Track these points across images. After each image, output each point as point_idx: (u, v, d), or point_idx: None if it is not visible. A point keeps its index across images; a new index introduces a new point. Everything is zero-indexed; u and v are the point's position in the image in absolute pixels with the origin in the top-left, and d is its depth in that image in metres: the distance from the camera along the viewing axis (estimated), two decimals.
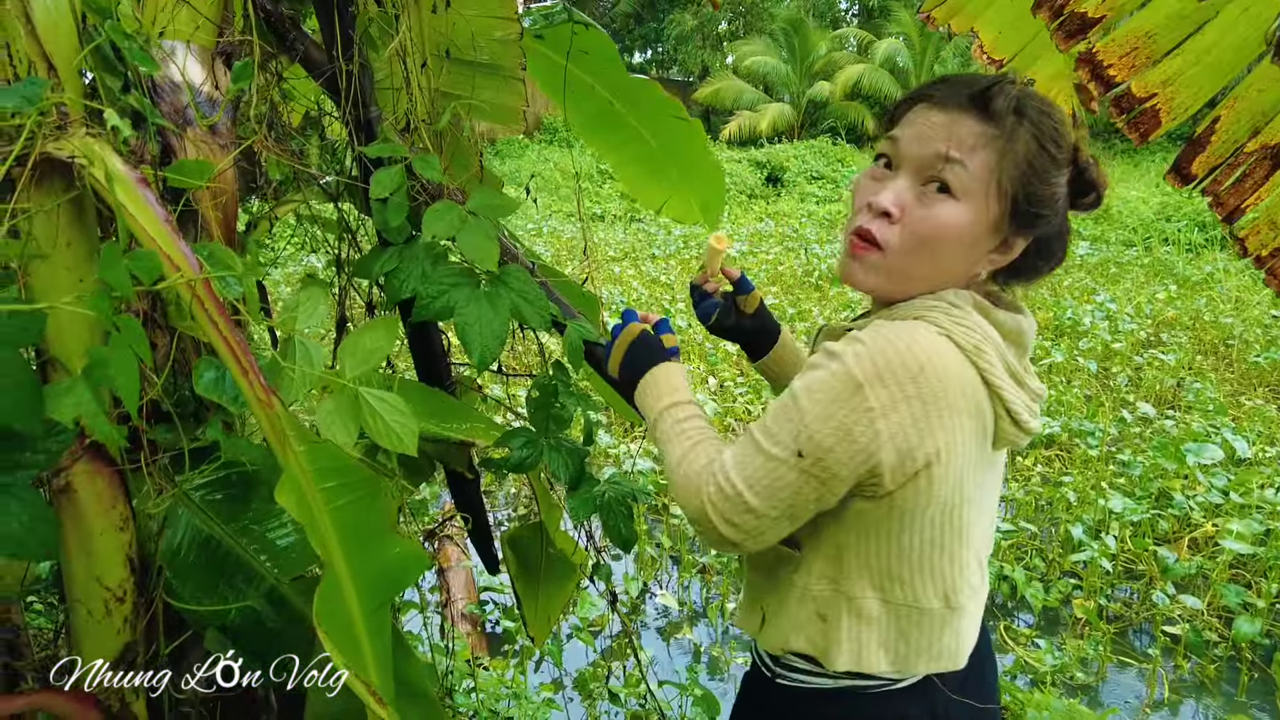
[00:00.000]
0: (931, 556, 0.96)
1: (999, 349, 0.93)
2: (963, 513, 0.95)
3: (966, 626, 1.02)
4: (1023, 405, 0.93)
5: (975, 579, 1.01)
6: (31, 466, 0.92)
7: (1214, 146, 1.08)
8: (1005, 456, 1.03)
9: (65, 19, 0.91)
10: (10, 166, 0.89)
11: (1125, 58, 1.06)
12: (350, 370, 1.03)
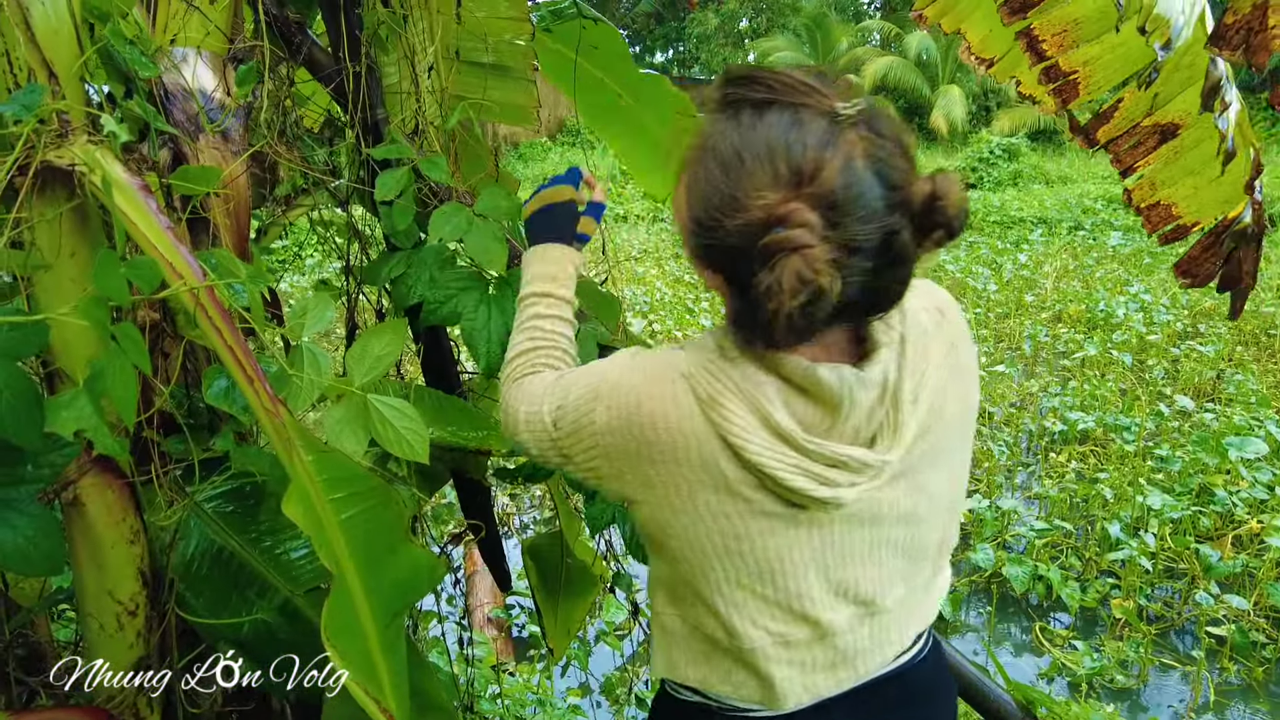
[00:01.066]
0: (696, 588, 0.94)
1: (758, 403, 0.84)
2: (724, 561, 0.90)
3: (786, 674, 0.95)
4: (785, 467, 0.84)
5: (780, 625, 0.93)
6: (35, 481, 0.91)
7: (1115, 121, 1.36)
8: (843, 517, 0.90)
9: (65, 25, 0.90)
10: (12, 175, 0.87)
11: (1057, 36, 1.26)
12: (359, 377, 1.00)
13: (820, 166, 0.77)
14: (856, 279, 0.79)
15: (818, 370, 0.83)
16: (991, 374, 5.74)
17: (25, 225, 0.90)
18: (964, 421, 0.96)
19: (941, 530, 0.99)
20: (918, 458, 0.91)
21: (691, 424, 0.86)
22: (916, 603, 1.01)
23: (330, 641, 0.90)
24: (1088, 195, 12.91)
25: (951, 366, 0.93)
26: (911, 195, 0.79)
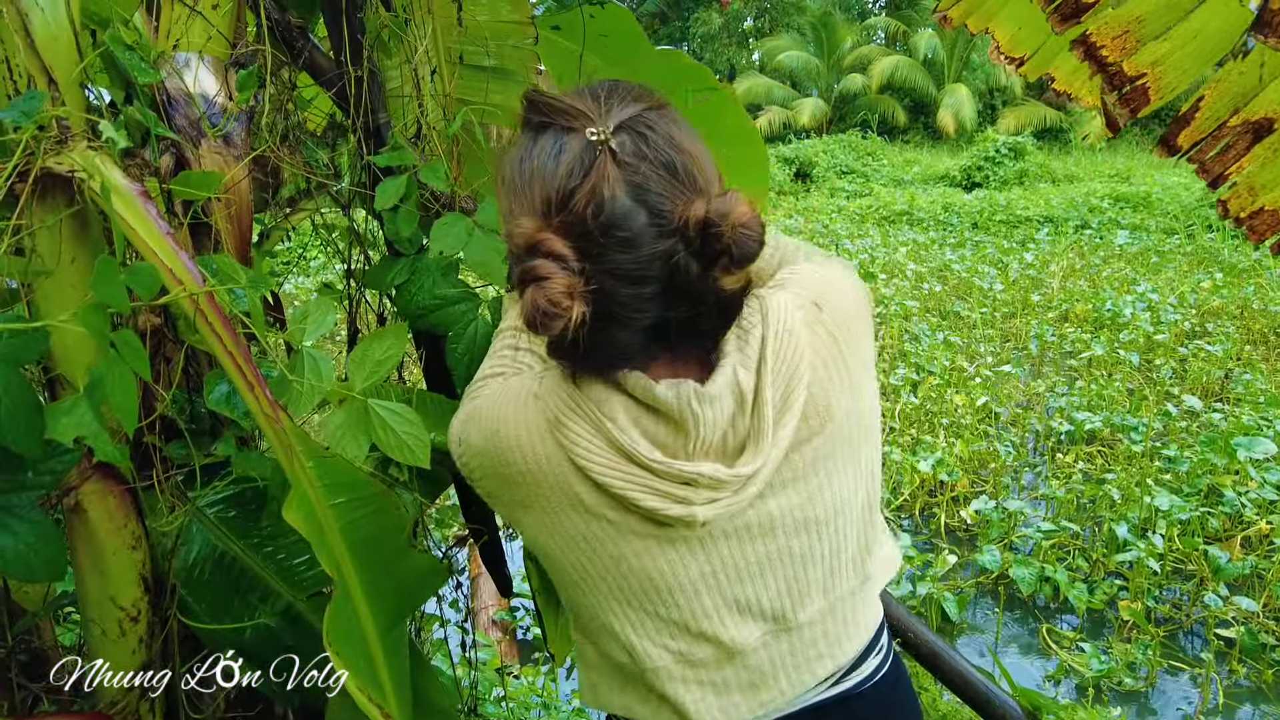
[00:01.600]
0: (593, 611, 0.92)
1: (601, 423, 0.83)
2: (608, 583, 0.89)
3: (697, 696, 0.92)
4: (634, 487, 0.82)
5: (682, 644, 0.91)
6: (36, 488, 0.91)
7: (1198, 122, 1.20)
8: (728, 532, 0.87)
9: (64, 31, 0.90)
10: (12, 182, 0.87)
11: (1117, 39, 1.16)
12: (360, 382, 1.00)
13: (569, 196, 0.76)
14: (648, 307, 0.78)
15: (654, 389, 0.81)
16: (998, 374, 5.72)
17: (26, 232, 0.90)
18: (860, 418, 0.90)
19: (857, 537, 0.94)
20: (808, 463, 0.87)
21: (544, 447, 0.85)
22: (845, 615, 0.95)
23: (333, 648, 0.89)
24: (1094, 194, 12.86)
25: (834, 361, 0.87)
26: (685, 220, 0.76)
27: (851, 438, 0.90)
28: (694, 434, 0.82)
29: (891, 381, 5.52)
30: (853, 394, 0.89)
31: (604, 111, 0.79)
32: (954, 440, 4.71)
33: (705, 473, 0.81)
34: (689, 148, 0.80)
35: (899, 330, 6.74)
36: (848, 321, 0.90)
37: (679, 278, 0.77)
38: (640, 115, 0.79)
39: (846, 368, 0.88)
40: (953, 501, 4.25)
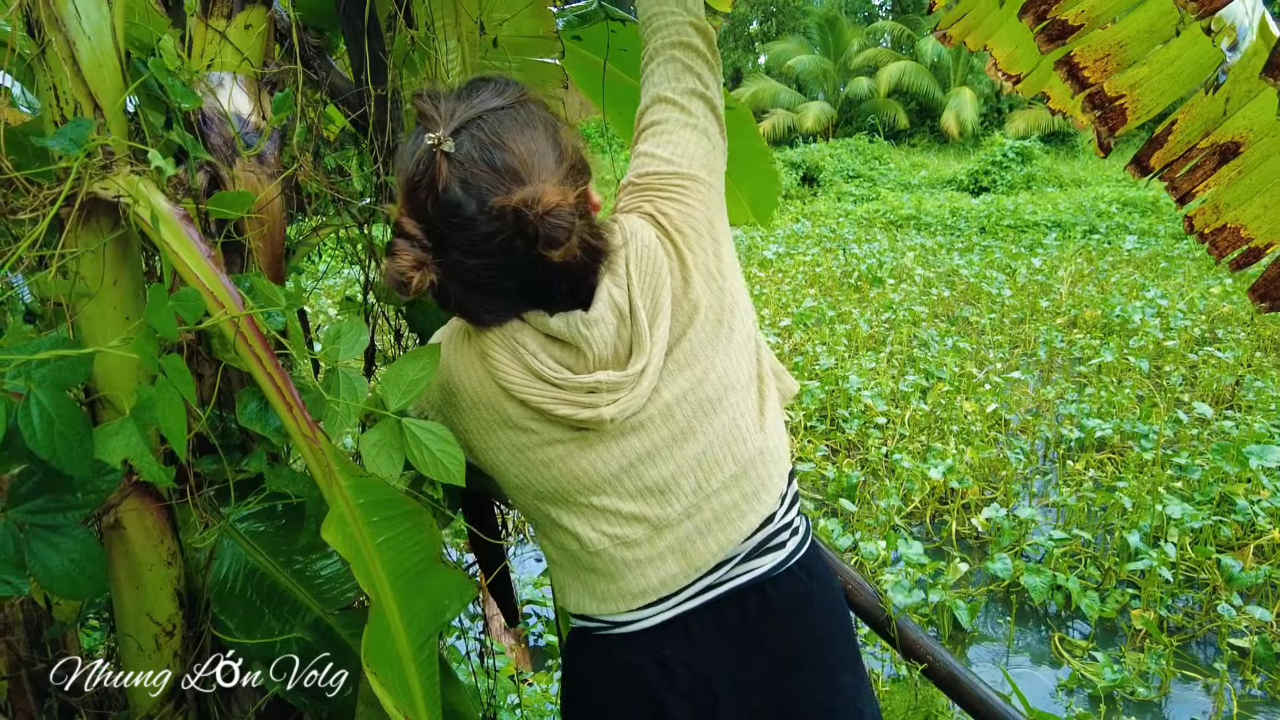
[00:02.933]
0: (544, 511, 1.10)
1: (518, 351, 1.01)
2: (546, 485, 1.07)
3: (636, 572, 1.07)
4: (548, 400, 1.01)
5: (617, 528, 1.07)
6: (81, 506, 0.92)
7: (1170, 145, 1.27)
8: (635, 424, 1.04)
9: (110, 58, 0.91)
10: (59, 207, 0.89)
11: (1099, 62, 1.23)
12: (394, 402, 1.01)
13: (415, 187, 0.94)
14: (494, 276, 0.97)
15: (549, 322, 1.00)
16: (1007, 380, 5.72)
17: (71, 255, 0.91)
18: (723, 300, 1.08)
19: (753, 400, 1.11)
20: (688, 354, 1.05)
21: (475, 372, 1.05)
22: (757, 473, 1.10)
23: (370, 667, 0.91)
24: (1102, 198, 12.83)
25: (687, 262, 1.06)
26: (504, 209, 0.92)
27: (722, 320, 1.08)
28: (588, 352, 1.01)
29: (901, 388, 5.52)
30: (708, 283, 1.07)
31: (448, 117, 0.95)
32: (964, 447, 4.71)
33: (602, 379, 1.00)
34: (517, 146, 0.95)
35: (908, 335, 6.74)
36: (690, 223, 1.09)
37: (510, 253, 0.95)
38: (480, 117, 0.95)
39: (698, 264, 1.07)
40: (963, 509, 4.25)
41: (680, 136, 1.13)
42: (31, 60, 0.90)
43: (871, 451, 4.76)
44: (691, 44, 1.15)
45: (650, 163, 1.13)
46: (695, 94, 1.15)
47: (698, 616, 1.08)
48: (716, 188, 1.15)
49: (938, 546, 4.03)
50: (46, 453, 0.78)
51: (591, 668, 1.15)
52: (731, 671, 1.08)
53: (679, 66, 1.15)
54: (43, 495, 0.90)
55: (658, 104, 1.15)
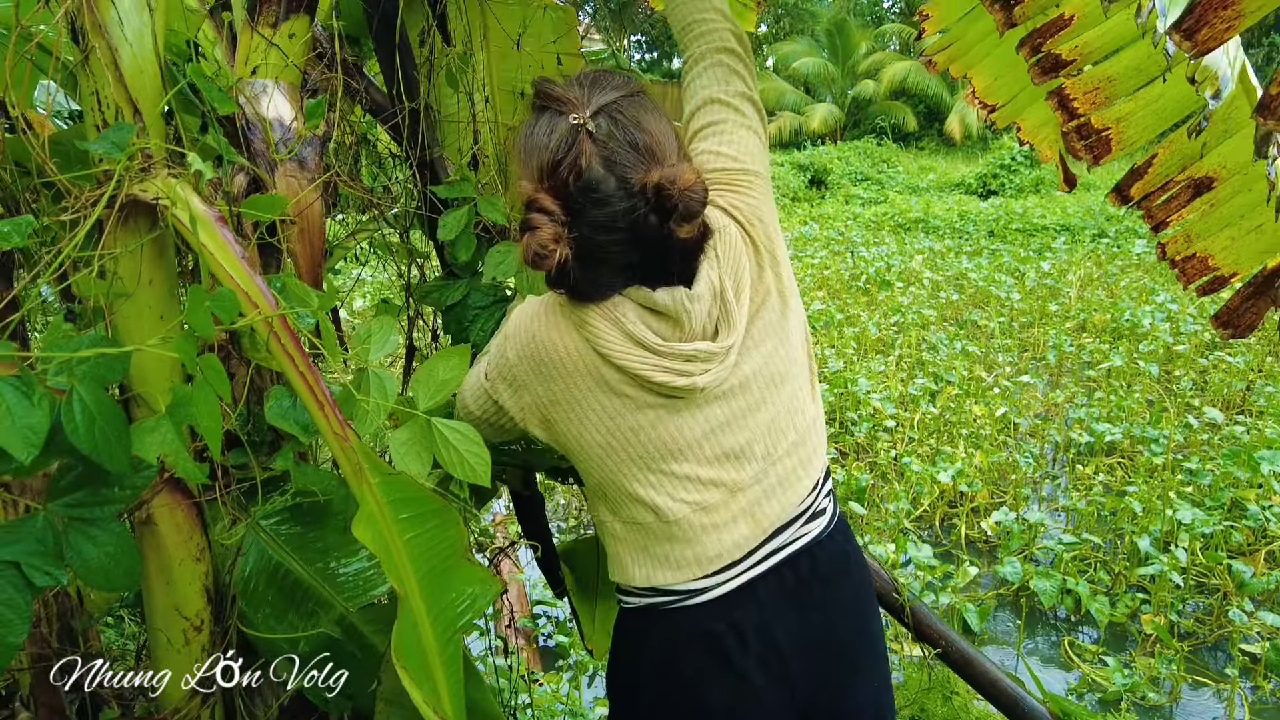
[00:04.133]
0: (616, 481, 1.15)
1: (617, 320, 1.07)
2: (630, 452, 1.12)
3: (712, 537, 1.14)
4: (647, 366, 1.07)
5: (695, 494, 1.14)
6: (117, 501, 0.94)
7: (1149, 177, 1.36)
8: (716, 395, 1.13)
9: (150, 64, 0.93)
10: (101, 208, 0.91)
11: (1089, 94, 1.30)
12: (424, 401, 1.03)
13: (557, 165, 1.00)
14: (620, 249, 1.03)
15: (654, 295, 1.07)
16: (1016, 384, 5.71)
17: (109, 255, 0.93)
18: (785, 284, 1.18)
19: (808, 377, 1.23)
20: (762, 332, 1.15)
21: (571, 339, 1.10)
22: (810, 440, 1.21)
23: (400, 662, 0.92)
24: (1111, 202, 12.78)
25: (756, 250, 1.16)
26: (645, 185, 0.99)
27: (786, 301, 1.18)
28: (687, 325, 1.09)
29: (910, 391, 5.52)
30: (774, 269, 1.17)
31: (586, 100, 1.02)
32: (973, 451, 4.71)
33: (700, 349, 1.09)
34: (651, 129, 1.03)
35: (916, 339, 6.73)
36: (758, 215, 1.18)
37: (641, 228, 1.02)
38: (615, 102, 1.03)
39: (767, 250, 1.17)
40: (973, 513, 4.25)
41: (739, 136, 1.22)
42: (75, 66, 0.92)
43: (880, 455, 4.76)
44: (734, 49, 1.23)
45: (716, 160, 1.20)
46: (745, 97, 1.23)
47: (763, 581, 1.17)
48: (769, 181, 1.25)
49: (947, 550, 4.03)
50: (88, 447, 0.80)
51: (669, 641, 1.18)
52: (793, 628, 1.17)
53: (726, 70, 1.23)
54: (81, 489, 0.92)
55: (712, 105, 1.22)
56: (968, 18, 1.58)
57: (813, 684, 1.19)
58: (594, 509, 1.24)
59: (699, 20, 1.24)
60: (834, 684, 1.21)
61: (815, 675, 1.19)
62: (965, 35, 1.58)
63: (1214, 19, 1.10)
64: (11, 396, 0.75)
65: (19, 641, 0.84)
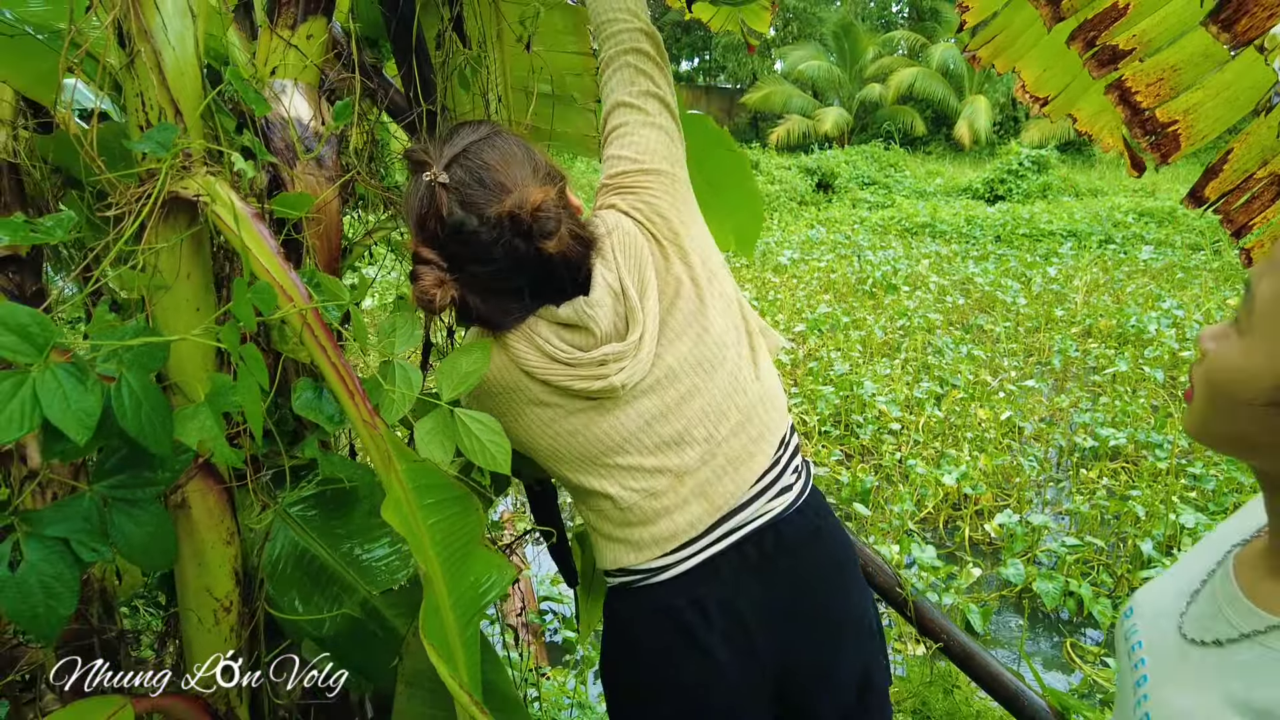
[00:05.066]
0: (569, 478, 1.24)
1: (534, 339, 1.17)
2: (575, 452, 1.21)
3: (667, 519, 1.21)
4: (564, 377, 1.16)
5: (643, 482, 1.21)
6: (157, 484, 0.99)
7: (1225, 174, 1.24)
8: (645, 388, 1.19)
9: (191, 67, 0.98)
10: (141, 205, 0.95)
11: (1152, 86, 1.22)
12: (447, 392, 1.07)
13: (424, 219, 1.10)
14: (505, 277, 1.12)
15: (558, 311, 1.16)
16: (1021, 388, 5.74)
17: (150, 250, 0.98)
18: (699, 281, 1.22)
19: (747, 353, 1.26)
20: (681, 323, 1.20)
21: (499, 362, 1.18)
22: (759, 418, 1.25)
23: (428, 641, 0.96)
24: (1118, 208, 12.81)
25: (661, 244, 1.21)
26: (500, 215, 1.08)
27: (702, 288, 1.22)
28: (595, 330, 1.16)
29: (915, 394, 5.56)
30: (683, 260, 1.22)
31: (440, 155, 1.11)
32: (978, 454, 4.74)
33: (608, 351, 1.15)
34: (496, 164, 1.11)
35: (922, 343, 6.77)
36: (657, 212, 1.23)
37: (514, 254, 1.10)
38: (464, 150, 1.12)
39: (672, 244, 1.22)
40: (976, 515, 4.28)
41: (641, 135, 1.27)
42: (118, 70, 0.96)
43: (885, 457, 4.80)
44: (642, 49, 1.28)
45: (618, 164, 1.27)
46: (650, 95, 1.28)
47: (724, 557, 1.22)
48: (679, 176, 1.29)
49: (951, 551, 4.06)
50: (135, 430, 0.85)
51: (633, 616, 1.26)
52: (758, 601, 1.21)
53: (633, 71, 1.28)
54: (124, 472, 0.96)
55: (618, 109, 1.28)
56: (1010, 6, 1.50)
57: (781, 655, 1.23)
58: (573, 505, 1.32)
59: (609, 21, 1.29)
60: (807, 654, 1.25)
61: (783, 646, 1.23)
62: (1010, 25, 1.51)
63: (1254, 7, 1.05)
64: (68, 382, 0.80)
65: (68, 613, 0.89)
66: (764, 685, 1.24)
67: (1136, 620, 0.86)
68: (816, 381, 5.80)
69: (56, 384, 0.80)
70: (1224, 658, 0.71)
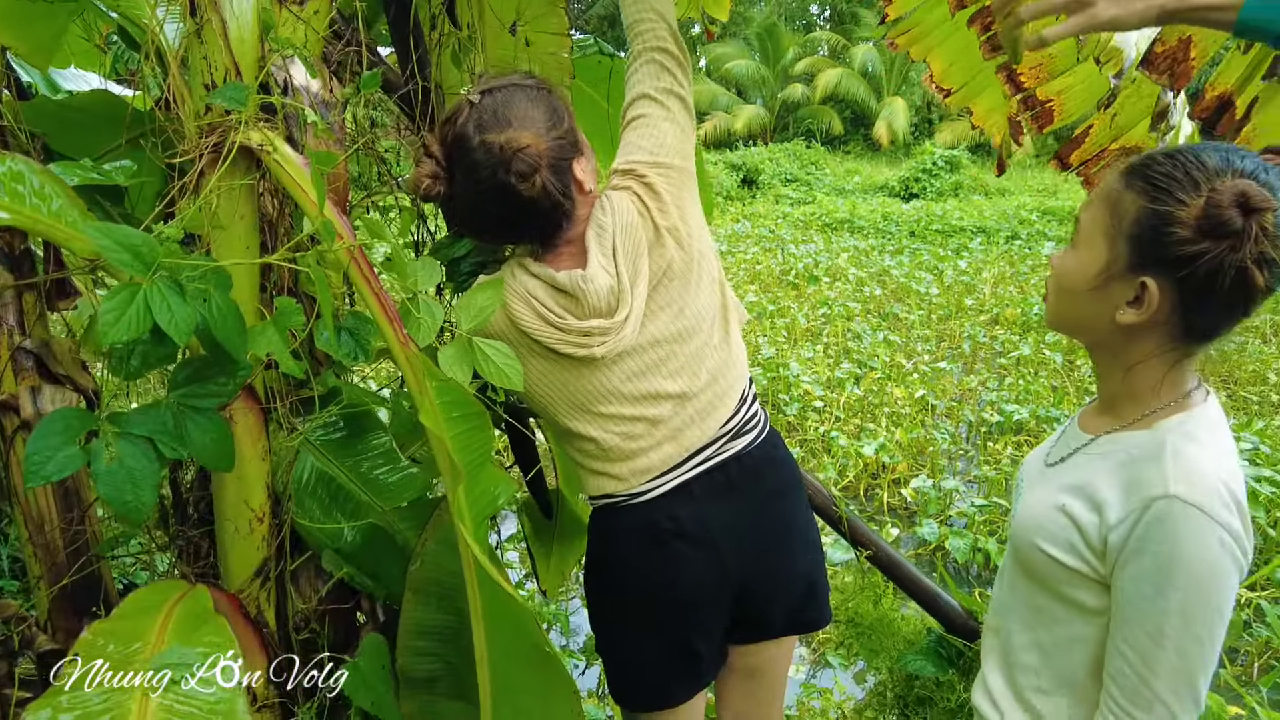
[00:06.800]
0: (565, 425, 1.41)
1: (528, 299, 1.33)
2: (565, 400, 1.38)
3: (643, 457, 1.39)
4: (552, 339, 1.33)
5: (623, 427, 1.38)
6: (220, 395, 1.14)
7: (1086, 145, 1.52)
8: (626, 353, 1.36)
9: (252, 34, 1.13)
10: (205, 153, 1.10)
11: (1033, 70, 1.48)
12: (465, 323, 1.25)
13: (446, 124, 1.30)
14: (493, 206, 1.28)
15: (555, 275, 1.32)
16: (934, 370, 6.15)
17: (214, 194, 1.13)
18: (692, 255, 1.38)
19: (720, 325, 1.44)
20: (667, 298, 1.37)
21: (500, 316, 1.35)
22: (724, 376, 1.43)
23: (460, 520, 1.14)
24: (1024, 207, 13.61)
25: (661, 230, 1.36)
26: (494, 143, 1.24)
27: (691, 269, 1.38)
28: (585, 301, 1.31)
29: (837, 375, 5.90)
30: (678, 244, 1.37)
31: (483, 84, 1.32)
32: (894, 428, 5.10)
33: (594, 325, 1.32)
34: (520, 105, 1.29)
35: (842, 329, 7.15)
36: (661, 202, 1.37)
37: (495, 183, 1.26)
38: (502, 87, 1.30)
39: (669, 230, 1.37)
40: (894, 483, 4.63)
41: (660, 129, 1.40)
42: (188, 35, 1.11)
43: (810, 432, 5.11)
44: (669, 49, 1.43)
45: (636, 153, 1.40)
46: (672, 93, 1.42)
47: (697, 481, 1.41)
48: (687, 169, 1.43)
49: (871, 515, 4.39)
50: (223, 336, 1.00)
51: (615, 528, 1.45)
52: (724, 517, 1.42)
53: (658, 67, 1.42)
54: (193, 384, 1.11)
55: (641, 100, 1.43)
56: (928, 3, 1.71)
57: (743, 561, 1.43)
58: (557, 444, 1.52)
59: (639, 20, 1.42)
60: (764, 561, 1.45)
61: (745, 554, 1.43)
62: (925, 20, 1.73)
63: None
64: (171, 295, 0.95)
65: (152, 500, 1.04)
66: (726, 588, 1.44)
67: (1022, 469, 1.21)
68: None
69: (162, 297, 0.95)
70: (1062, 467, 1.09)
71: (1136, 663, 0.94)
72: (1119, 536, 0.96)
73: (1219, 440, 0.99)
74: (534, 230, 1.34)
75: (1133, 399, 1.05)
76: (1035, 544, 1.06)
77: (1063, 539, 1.02)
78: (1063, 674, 1.07)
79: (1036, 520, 1.07)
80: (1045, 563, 1.05)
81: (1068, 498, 1.03)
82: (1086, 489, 1.02)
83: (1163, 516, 0.92)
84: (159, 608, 1.13)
